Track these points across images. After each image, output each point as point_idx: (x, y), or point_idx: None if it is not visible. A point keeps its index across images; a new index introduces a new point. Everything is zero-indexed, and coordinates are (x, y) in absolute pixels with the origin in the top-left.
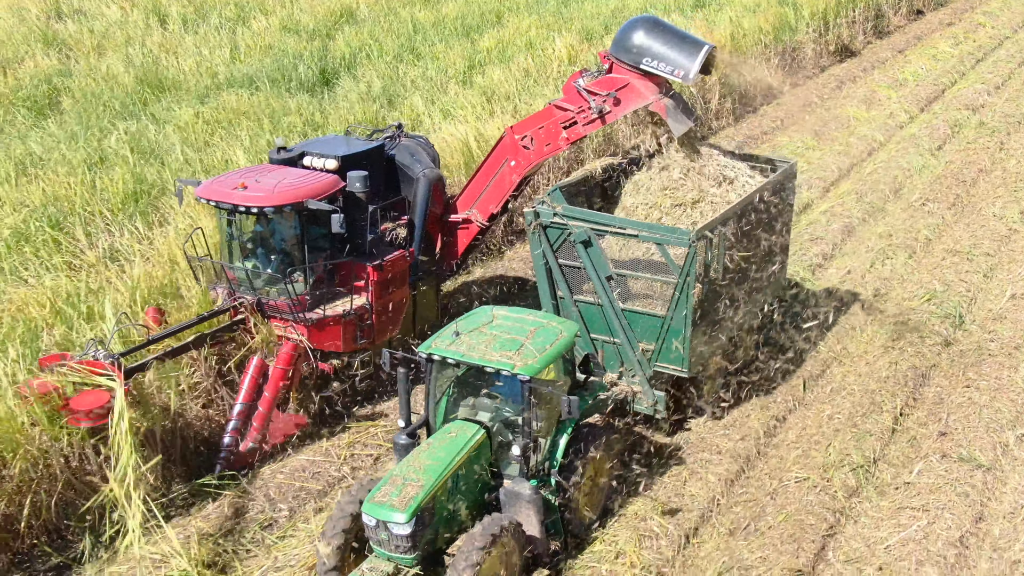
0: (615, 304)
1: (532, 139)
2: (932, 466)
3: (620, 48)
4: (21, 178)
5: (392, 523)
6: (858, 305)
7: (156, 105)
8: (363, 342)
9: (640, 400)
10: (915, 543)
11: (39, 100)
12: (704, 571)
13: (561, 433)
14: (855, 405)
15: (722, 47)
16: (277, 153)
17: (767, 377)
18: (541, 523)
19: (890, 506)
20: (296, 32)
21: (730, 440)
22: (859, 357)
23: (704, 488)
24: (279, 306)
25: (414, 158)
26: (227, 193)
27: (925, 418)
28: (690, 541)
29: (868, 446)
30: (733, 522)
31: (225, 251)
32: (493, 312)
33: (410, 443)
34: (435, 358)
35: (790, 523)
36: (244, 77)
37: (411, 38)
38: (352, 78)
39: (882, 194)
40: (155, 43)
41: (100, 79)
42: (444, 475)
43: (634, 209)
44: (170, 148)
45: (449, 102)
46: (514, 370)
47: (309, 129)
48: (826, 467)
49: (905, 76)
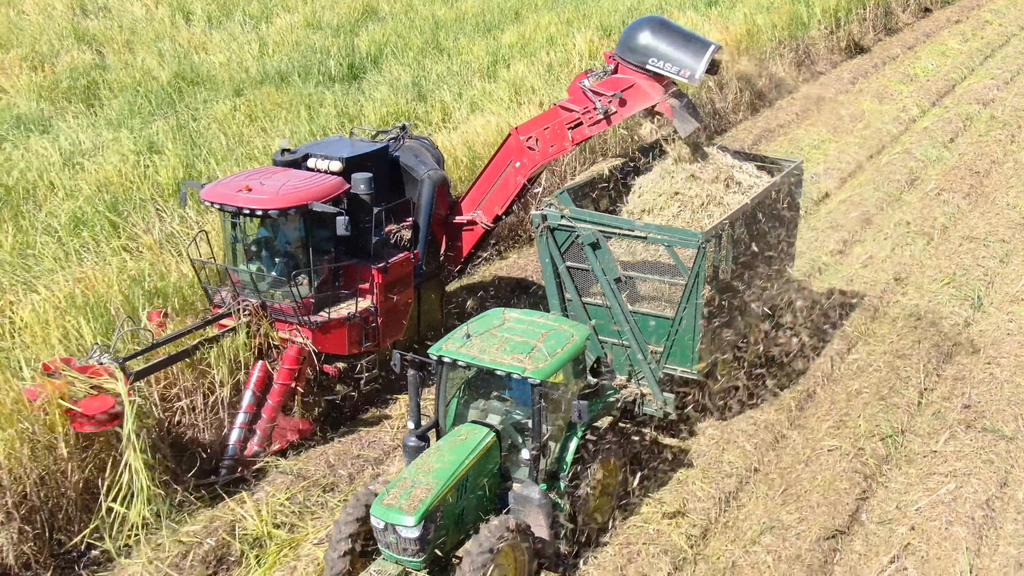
0: (623, 306)
1: (537, 140)
2: (957, 436)
3: (626, 48)
4: (69, 167)
5: (400, 526)
6: (880, 288)
7: (192, 98)
8: (368, 345)
9: (649, 402)
10: (944, 505)
11: (79, 93)
12: (746, 531)
13: (571, 437)
14: (882, 380)
15: (738, 43)
16: (281, 155)
17: (794, 356)
18: (550, 526)
19: (919, 473)
20: (320, 28)
21: (764, 413)
22: (883, 336)
23: (742, 456)
24: (283, 309)
25: (418, 159)
26: (231, 196)
27: (949, 392)
28: (730, 503)
29: (896, 418)
30: (771, 487)
31: (229, 254)
32: (505, 314)
33: (420, 445)
34: (446, 360)
35: (825, 488)
36: (276, 71)
37: (435, 33)
38: (379, 72)
39: (898, 184)
40: (184, 40)
41: (136, 73)
42: (453, 478)
43: (641, 211)
44: (212, 138)
45: (477, 95)
46: (525, 373)
47: (344, 120)
48: (857, 437)
49: (916, 72)
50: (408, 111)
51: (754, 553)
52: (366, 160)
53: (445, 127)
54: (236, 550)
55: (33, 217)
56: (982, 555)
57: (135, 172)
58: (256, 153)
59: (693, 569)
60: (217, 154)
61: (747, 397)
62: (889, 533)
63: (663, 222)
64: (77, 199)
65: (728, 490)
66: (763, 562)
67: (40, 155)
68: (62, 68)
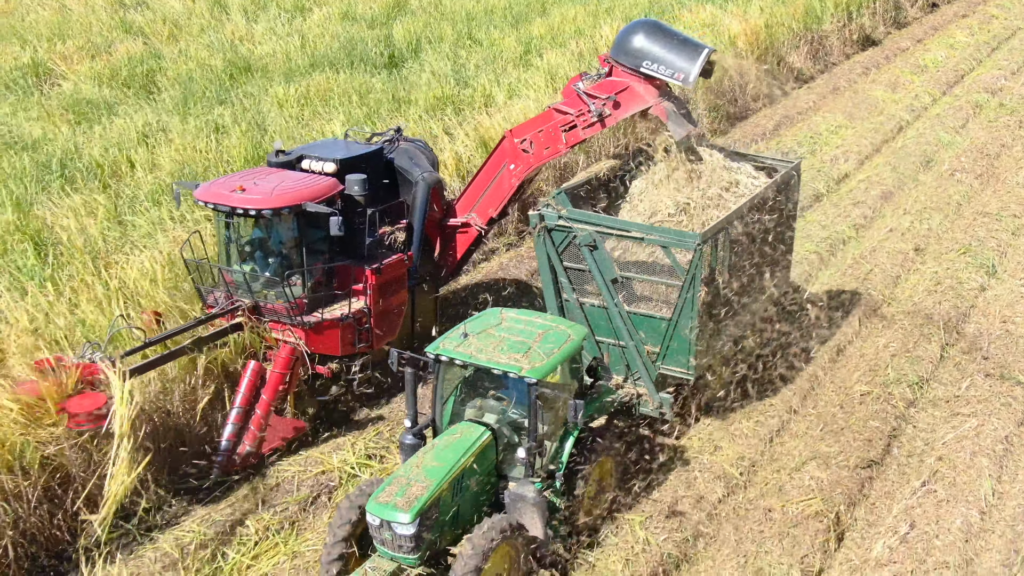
0: (620, 307)
1: (532, 143)
2: (977, 383)
3: (620, 51)
4: (144, 145)
5: (396, 523)
6: (901, 257)
7: (247, 85)
8: (361, 346)
9: (645, 402)
10: (968, 440)
11: (138, 80)
12: (789, 462)
13: (567, 436)
14: (906, 336)
15: (756, 35)
16: (276, 156)
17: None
18: (545, 525)
19: (943, 414)
20: (355, 21)
21: (799, 362)
22: (906, 299)
23: (781, 400)
24: (277, 309)
25: (413, 162)
26: (225, 196)
27: (968, 347)
28: (774, 440)
29: (921, 368)
30: (809, 426)
31: (223, 254)
32: (502, 314)
33: (416, 443)
34: (443, 359)
35: (859, 426)
36: (322, 60)
37: (467, 25)
38: (418, 61)
39: (914, 166)
40: (228, 32)
41: (190, 62)
42: (448, 476)
43: (638, 212)
44: (273, 120)
45: (514, 82)
46: (521, 373)
47: (394, 104)
48: (886, 384)
49: (926, 63)
50: (452, 95)
51: (799, 479)
52: (361, 162)
53: (487, 111)
54: (336, 478)
55: (120, 189)
56: (1003, 481)
57: (208, 149)
58: (315, 135)
59: (744, 491)
60: (282, 134)
61: (755, 387)
62: (919, 463)
63: (661, 223)
64: (157, 173)
65: (772, 428)
66: (807, 486)
67: (119, 133)
68: (119, 57)
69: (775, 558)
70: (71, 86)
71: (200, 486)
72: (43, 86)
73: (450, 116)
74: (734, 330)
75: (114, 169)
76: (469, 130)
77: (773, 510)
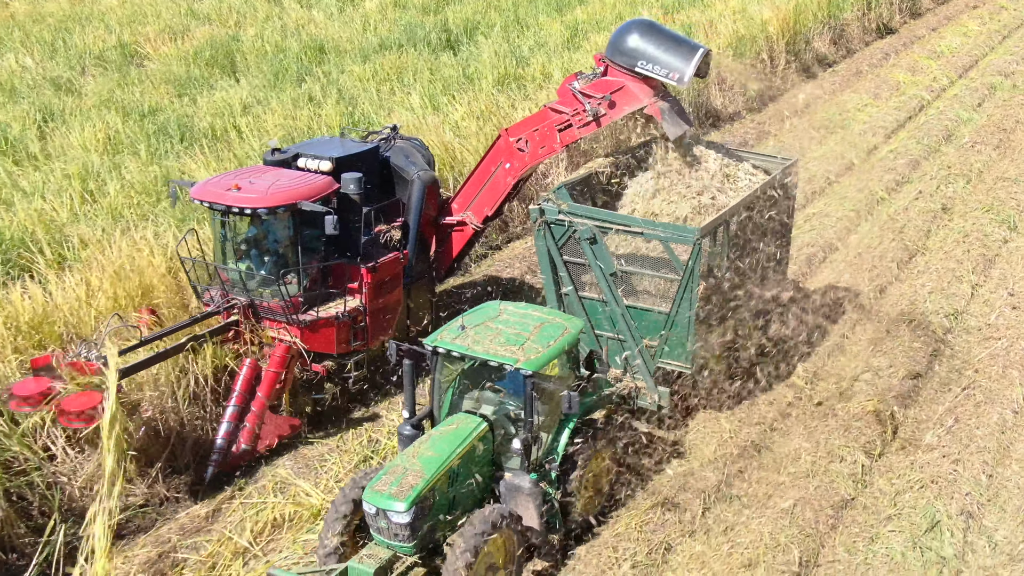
0: (619, 300)
1: (527, 141)
2: (1005, 315)
3: (615, 51)
4: (246, 115)
5: (391, 511)
6: (930, 215)
7: (323, 66)
8: (357, 344)
9: (643, 396)
10: (1000, 357)
11: (220, 60)
12: (847, 375)
13: (563, 428)
14: (940, 278)
15: (785, 21)
16: (271, 155)
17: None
18: (540, 516)
19: (977, 338)
20: (407, 8)
21: (850, 292)
22: (937, 248)
23: (835, 328)
24: (272, 307)
25: (408, 160)
26: (221, 194)
27: (996, 287)
28: (831, 356)
29: (954, 303)
30: (861, 348)
31: (219, 252)
32: (501, 307)
33: (414, 434)
34: (440, 351)
35: (905, 347)
36: (387, 42)
37: (515, 12)
38: (474, 44)
39: (936, 139)
40: (292, 19)
41: (266, 44)
42: (444, 466)
43: (637, 207)
44: (358, 94)
45: (566, 62)
46: (517, 364)
47: (465, 80)
48: (925, 315)
49: (941, 49)
50: (513, 73)
51: (856, 387)
52: (356, 160)
53: (544, 88)
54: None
55: (233, 151)
56: None
57: (307, 117)
58: (397, 107)
59: (809, 398)
60: (372, 106)
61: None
62: (958, 375)
63: (659, 218)
64: (264, 138)
65: (829, 347)
66: (864, 392)
67: (221, 105)
68: (201, 40)
69: (842, 443)
70: (158, 65)
71: (195, 484)
72: (132, 66)
73: (514, 91)
74: (735, 320)
75: (223, 135)
76: (531, 105)
77: (836, 409)
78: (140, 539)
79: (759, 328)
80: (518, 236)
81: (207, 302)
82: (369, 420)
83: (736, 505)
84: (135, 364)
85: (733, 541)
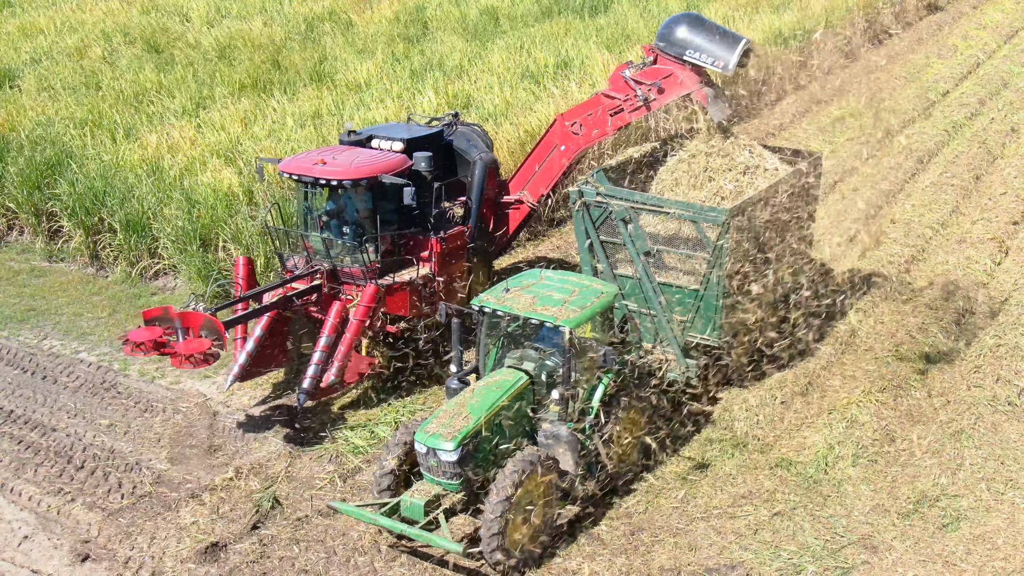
0: (652, 277)
1: (581, 125)
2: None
3: (665, 41)
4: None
5: (441, 450)
6: (1003, 133)
7: (500, 28)
8: (428, 309)
9: (673, 368)
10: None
11: (414, 25)
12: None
13: (598, 385)
14: (1020, 172)
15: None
16: (347, 136)
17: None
18: (576, 462)
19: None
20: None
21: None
22: (1012, 154)
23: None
24: (353, 272)
25: (470, 143)
26: (308, 168)
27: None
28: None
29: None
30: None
31: (302, 222)
32: (541, 274)
33: (460, 387)
34: (486, 310)
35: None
36: (547, 9)
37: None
38: (611, 11)
39: (996, 85)
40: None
41: (452, 11)
42: (489, 412)
43: (670, 189)
44: (545, 47)
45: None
46: (557, 322)
47: (623, 37)
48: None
49: (985, 22)
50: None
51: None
52: (424, 142)
53: None
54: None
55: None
56: None
57: (523, 63)
58: (575, 56)
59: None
60: (552, 52)
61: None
62: (999, 310)
63: (691, 200)
64: (492, 73)
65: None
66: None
67: (448, 54)
68: (396, 7)
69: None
70: (363, 28)
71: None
72: (342, 29)
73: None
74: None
75: (459, 73)
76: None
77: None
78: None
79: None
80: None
81: (291, 268)
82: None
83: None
84: (235, 317)
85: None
